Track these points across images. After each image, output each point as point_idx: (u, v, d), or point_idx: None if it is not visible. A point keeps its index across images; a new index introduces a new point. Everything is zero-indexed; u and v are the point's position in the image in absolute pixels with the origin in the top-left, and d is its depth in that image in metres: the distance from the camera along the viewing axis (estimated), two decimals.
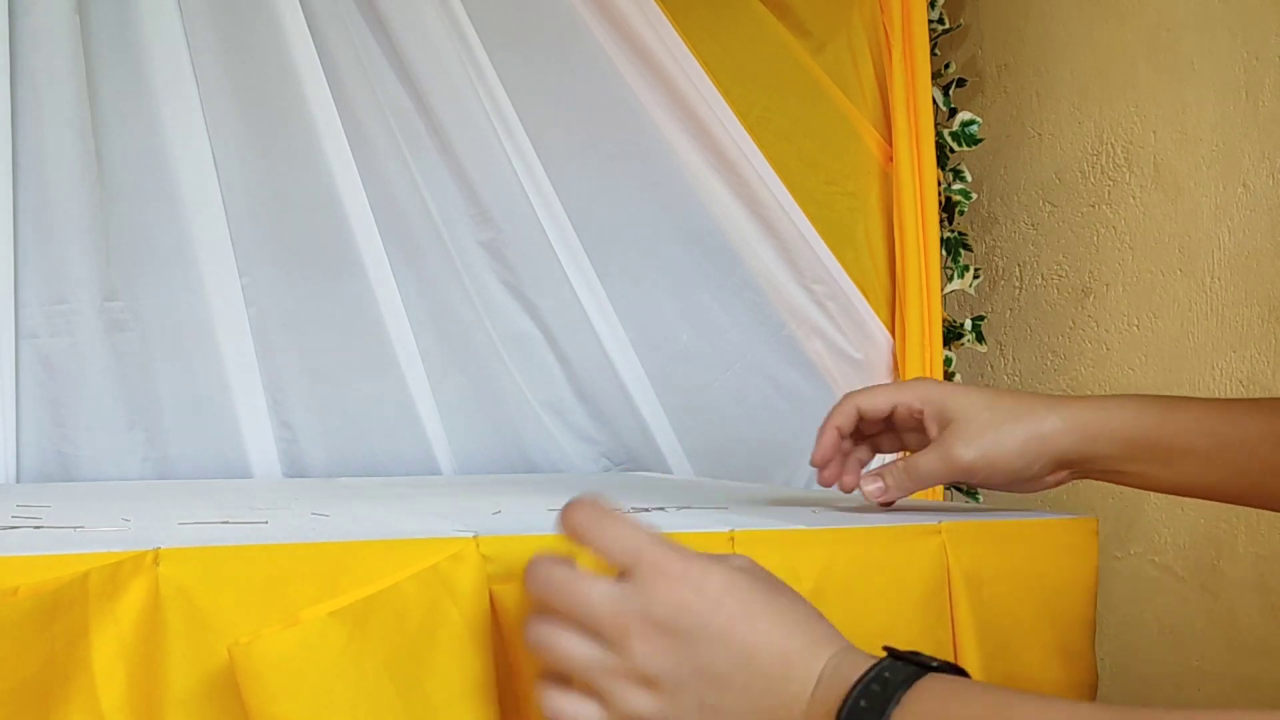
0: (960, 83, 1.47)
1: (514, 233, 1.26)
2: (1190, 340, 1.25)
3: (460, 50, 1.22)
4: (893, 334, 1.38)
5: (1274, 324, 1.17)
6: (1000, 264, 1.50)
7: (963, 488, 1.37)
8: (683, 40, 1.30)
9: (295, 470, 1.18)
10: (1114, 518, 1.30)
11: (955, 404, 0.72)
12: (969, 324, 1.44)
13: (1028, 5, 1.46)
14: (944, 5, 1.45)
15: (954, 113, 1.44)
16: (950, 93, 1.45)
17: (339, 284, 1.20)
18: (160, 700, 0.50)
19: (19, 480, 1.08)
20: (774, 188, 1.34)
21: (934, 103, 1.41)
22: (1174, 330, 1.27)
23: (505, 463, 1.27)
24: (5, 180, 1.06)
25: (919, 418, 0.73)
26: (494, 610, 0.56)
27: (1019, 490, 0.73)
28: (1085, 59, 1.38)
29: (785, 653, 0.49)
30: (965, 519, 0.71)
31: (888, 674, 0.47)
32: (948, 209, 1.44)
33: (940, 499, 1.30)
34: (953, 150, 1.44)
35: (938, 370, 1.38)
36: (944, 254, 1.43)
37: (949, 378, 1.42)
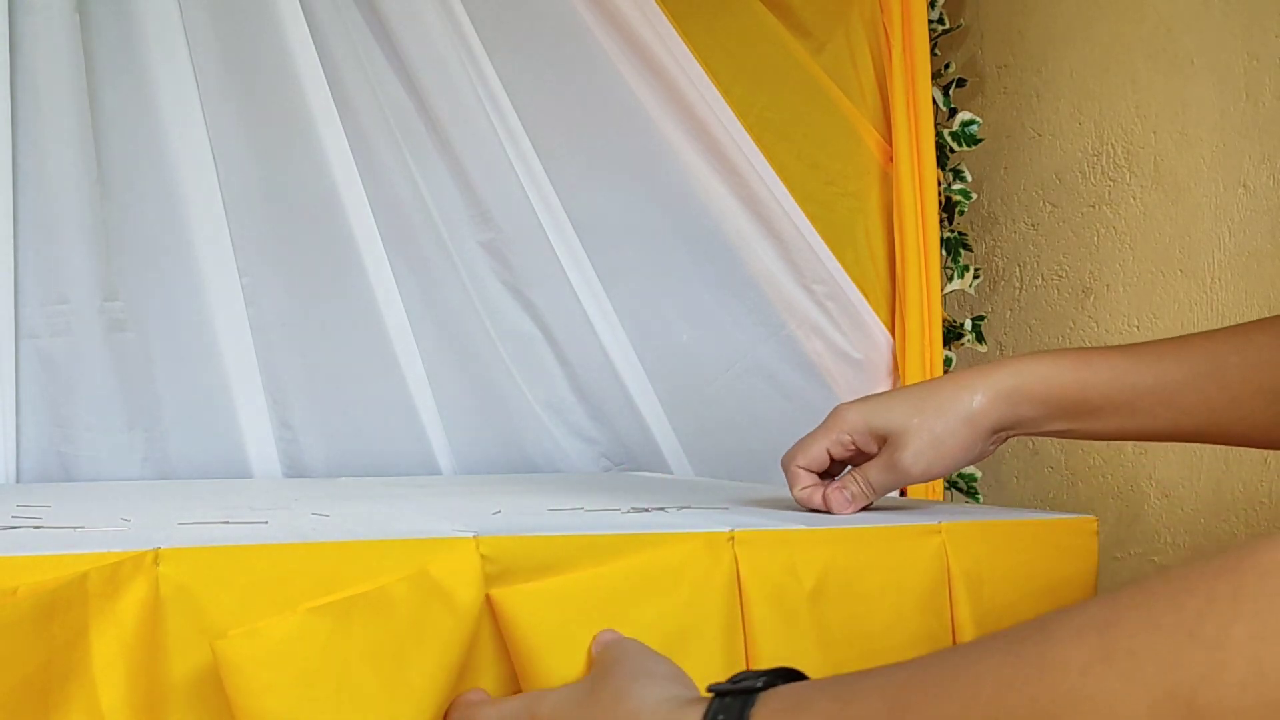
0: (960, 83, 1.47)
1: (514, 233, 1.26)
2: None
3: (460, 50, 1.22)
4: (893, 334, 1.38)
5: None
6: (1000, 264, 1.50)
7: (961, 487, 1.37)
8: (683, 40, 1.30)
9: (295, 470, 1.18)
10: (1114, 518, 1.30)
11: (881, 422, 0.73)
12: (969, 324, 1.44)
13: (1028, 5, 1.46)
14: (944, 5, 1.46)
15: (954, 113, 1.44)
16: (950, 93, 1.46)
17: (339, 284, 1.20)
18: (160, 700, 0.50)
19: (19, 480, 1.08)
20: (774, 188, 1.34)
21: (934, 103, 1.41)
22: (1174, 330, 1.27)
23: (505, 463, 1.27)
24: (5, 180, 1.06)
25: (853, 449, 0.75)
26: (492, 611, 0.56)
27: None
28: (1085, 59, 1.38)
29: None
30: (965, 519, 0.71)
31: (721, 717, 0.46)
32: (948, 209, 1.44)
33: (940, 499, 1.30)
34: (953, 150, 1.44)
35: (938, 370, 1.38)
36: (944, 254, 1.43)
37: None
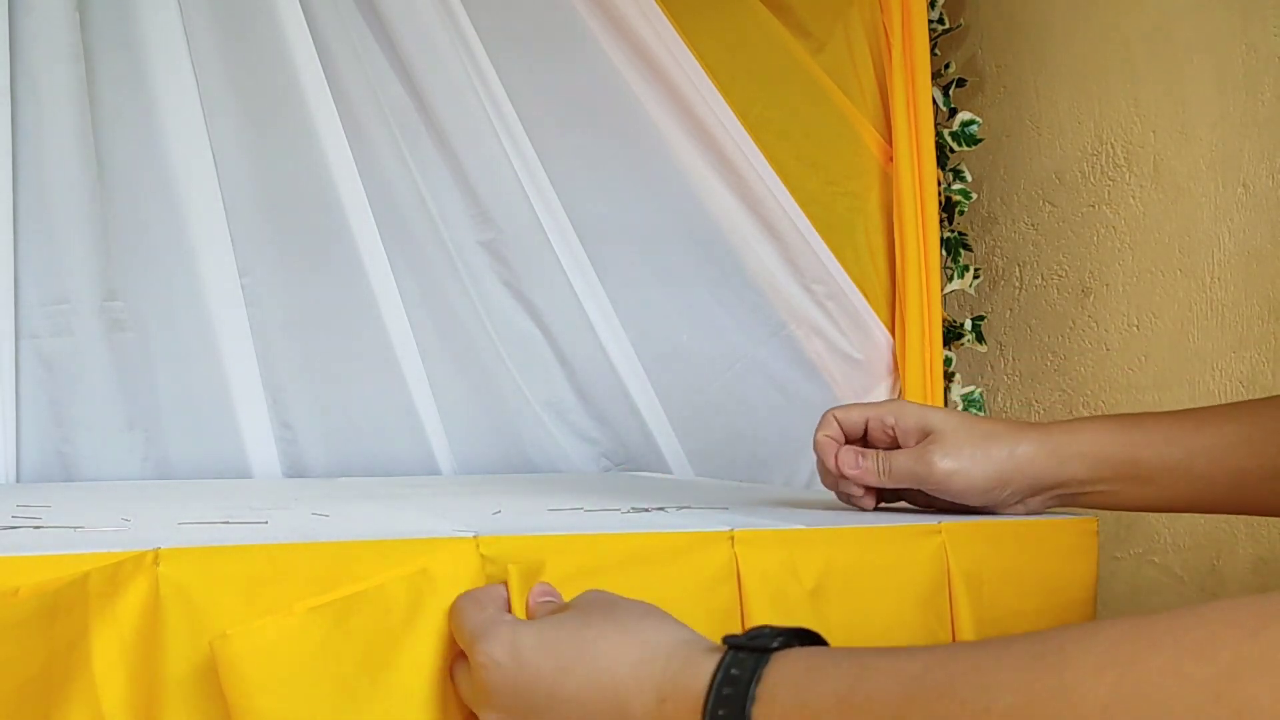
0: (960, 83, 1.47)
1: (514, 233, 1.26)
2: (1190, 340, 1.25)
3: (460, 50, 1.22)
4: (893, 334, 1.38)
5: (1274, 324, 1.17)
6: (1000, 264, 1.50)
7: None
8: (683, 40, 1.30)
9: (295, 470, 1.18)
10: (1114, 518, 1.30)
11: (931, 420, 0.72)
12: (969, 324, 1.44)
13: (1027, 4, 1.46)
14: (944, 5, 1.46)
15: (954, 113, 1.44)
16: (950, 93, 1.46)
17: (339, 284, 1.20)
18: (161, 700, 0.50)
19: (19, 480, 1.08)
20: (774, 188, 1.34)
21: (934, 103, 1.41)
22: (1174, 330, 1.27)
23: (505, 463, 1.27)
24: (5, 180, 1.07)
25: (891, 433, 0.74)
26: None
27: (991, 511, 0.73)
28: (1085, 58, 1.38)
29: (613, 687, 0.49)
30: (965, 519, 0.71)
31: (735, 671, 0.46)
32: (948, 209, 1.44)
33: None
34: (953, 150, 1.44)
35: (938, 370, 1.38)
36: (944, 254, 1.43)
37: (949, 378, 1.42)
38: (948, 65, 1.49)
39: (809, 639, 0.48)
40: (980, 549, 0.69)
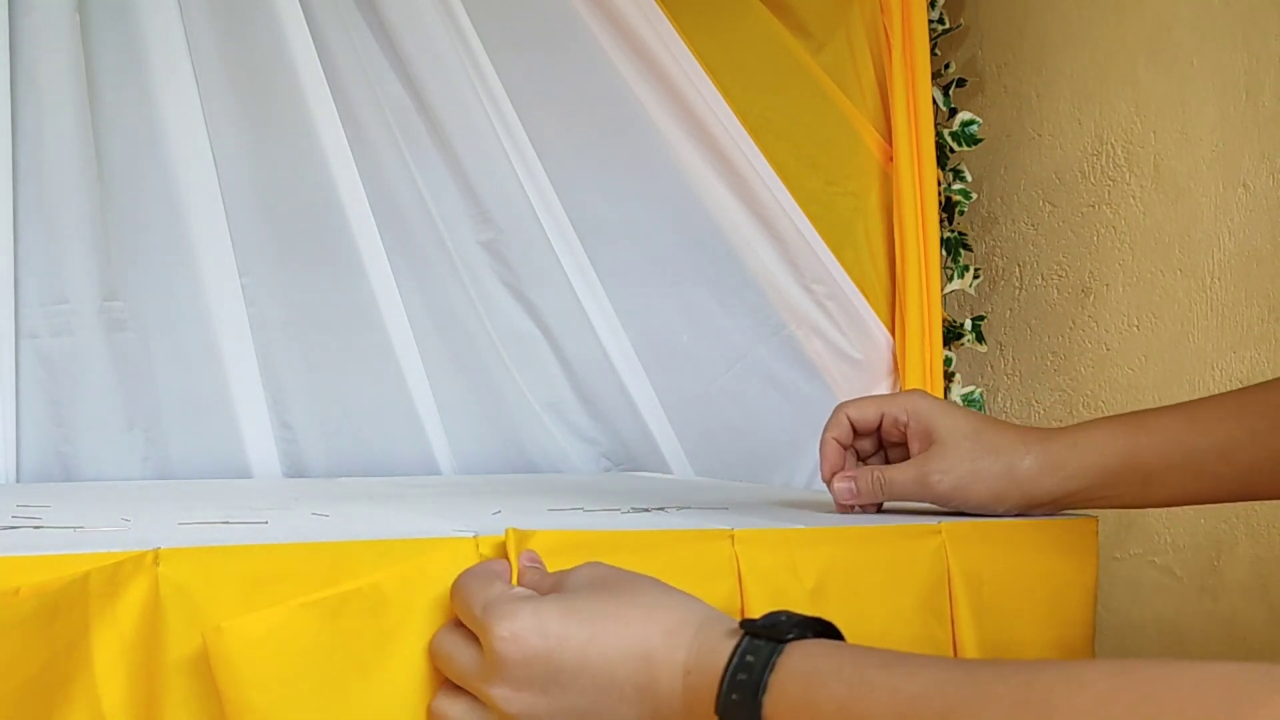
0: (960, 83, 1.47)
1: (514, 233, 1.26)
2: (1190, 340, 1.25)
3: (460, 50, 1.22)
4: (893, 334, 1.38)
5: (1274, 324, 1.17)
6: (1000, 264, 1.50)
7: None
8: (683, 40, 1.30)
9: (295, 470, 1.18)
10: (1114, 518, 1.30)
11: (940, 425, 0.72)
12: (969, 324, 1.44)
13: (1027, 5, 1.46)
14: (944, 5, 1.46)
15: (954, 113, 1.44)
16: (950, 93, 1.46)
17: (339, 284, 1.20)
18: (161, 700, 0.50)
19: (19, 480, 1.08)
20: (774, 188, 1.34)
21: (934, 103, 1.41)
22: (1174, 330, 1.27)
23: (505, 463, 1.27)
24: (5, 180, 1.06)
25: (903, 430, 0.74)
26: None
27: (993, 517, 0.73)
28: (1085, 59, 1.38)
29: (644, 654, 0.49)
30: (965, 519, 0.71)
31: (750, 658, 0.47)
32: (948, 209, 1.44)
33: None
34: (953, 150, 1.44)
35: (938, 370, 1.38)
36: (944, 254, 1.43)
37: (949, 378, 1.42)
38: (948, 65, 1.49)
39: (823, 629, 0.49)
40: (980, 549, 0.69)
